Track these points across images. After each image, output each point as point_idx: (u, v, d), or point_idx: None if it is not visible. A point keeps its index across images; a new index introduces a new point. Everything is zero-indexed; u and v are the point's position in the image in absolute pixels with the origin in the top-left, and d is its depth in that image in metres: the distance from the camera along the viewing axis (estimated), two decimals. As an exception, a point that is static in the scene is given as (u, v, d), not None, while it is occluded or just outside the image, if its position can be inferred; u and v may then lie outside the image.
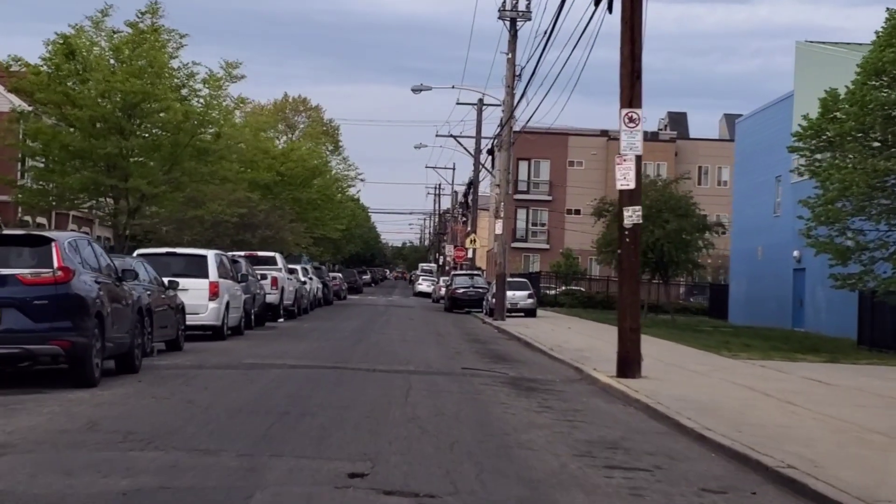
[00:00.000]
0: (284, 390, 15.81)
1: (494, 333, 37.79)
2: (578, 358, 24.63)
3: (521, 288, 50.35)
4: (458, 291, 56.29)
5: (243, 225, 44.91)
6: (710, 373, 22.68)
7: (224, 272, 28.46)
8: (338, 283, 71.49)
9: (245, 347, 24.85)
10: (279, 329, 34.11)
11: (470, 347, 28.80)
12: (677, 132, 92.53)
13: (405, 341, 29.74)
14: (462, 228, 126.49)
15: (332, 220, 60.20)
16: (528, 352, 28.33)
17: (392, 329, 36.31)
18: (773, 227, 54.47)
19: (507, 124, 45.63)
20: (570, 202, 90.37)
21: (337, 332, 32.85)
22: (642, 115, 20.10)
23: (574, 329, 39.69)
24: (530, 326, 40.62)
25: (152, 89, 34.46)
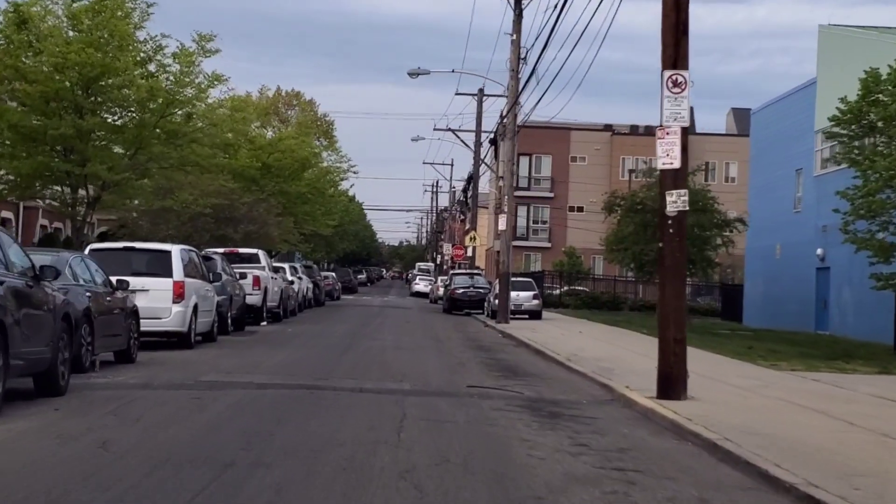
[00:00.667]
0: (240, 423, 12.09)
1: (499, 339, 34.09)
2: (601, 371, 20.94)
3: (525, 288, 46.67)
4: (457, 292, 52.59)
5: (225, 219, 41.21)
6: (758, 389, 19.00)
7: (192, 270, 24.74)
8: (330, 282, 67.73)
9: (212, 358, 21.14)
10: (260, 334, 30.40)
11: (474, 357, 25.09)
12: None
13: (400, 349, 26.04)
14: (460, 227, 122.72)
15: (324, 215, 56.24)
16: (541, 362, 24.60)
17: (386, 333, 32.63)
18: (792, 223, 50.79)
19: (512, 111, 41.94)
20: (572, 199, 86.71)
21: (324, 338, 29.15)
22: (689, 79, 16.33)
23: (587, 334, 36.00)
24: (537, 330, 36.95)
25: (112, 62, 30.53)
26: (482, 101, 62.87)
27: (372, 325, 38.29)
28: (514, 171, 42.71)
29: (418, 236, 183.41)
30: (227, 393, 14.89)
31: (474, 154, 63.29)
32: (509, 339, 33.27)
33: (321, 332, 31.89)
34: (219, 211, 40.56)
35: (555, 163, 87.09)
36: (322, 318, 42.05)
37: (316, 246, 64.96)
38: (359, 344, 27.07)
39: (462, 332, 37.14)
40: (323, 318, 42.92)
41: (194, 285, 24.30)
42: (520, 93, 41.60)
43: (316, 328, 34.26)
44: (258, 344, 26.06)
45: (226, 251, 36.54)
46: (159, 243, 26.08)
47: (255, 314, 34.89)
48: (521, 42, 41.32)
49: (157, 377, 16.80)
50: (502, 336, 35.32)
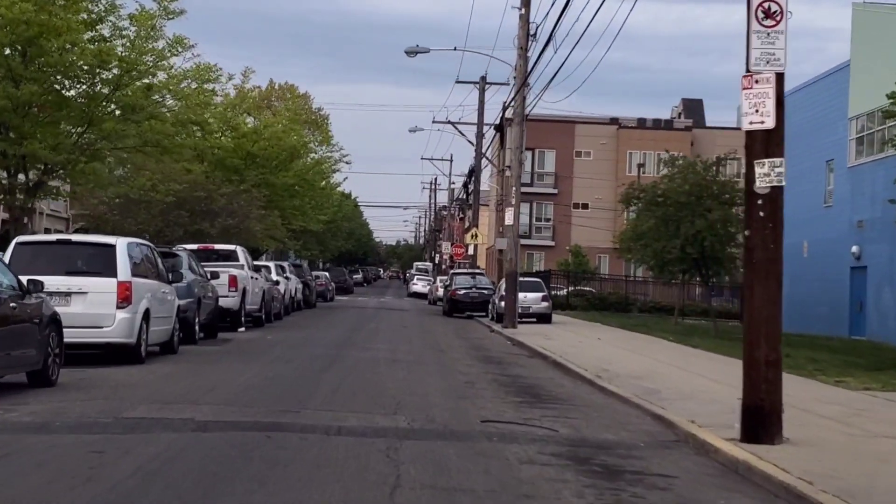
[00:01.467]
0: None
1: (508, 347, 29.72)
2: (646, 394, 16.59)
3: (534, 289, 42.28)
4: (458, 293, 48.21)
5: (201, 212, 36.84)
6: (853, 420, 14.69)
7: (145, 269, 20.37)
8: (323, 282, 63.31)
9: (159, 379, 16.76)
10: (234, 343, 26.03)
11: (484, 372, 20.69)
12: (693, 120, 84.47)
13: (395, 362, 21.67)
14: (459, 225, 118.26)
15: (314, 209, 51.65)
16: (565, 380, 20.18)
17: (380, 342, 28.26)
18: (822, 219, 46.48)
19: (520, 94, 37.54)
20: (577, 195, 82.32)
21: (307, 347, 24.78)
22: (786, 8, 11.88)
23: (607, 341, 31.63)
24: (551, 337, 32.60)
25: (54, 21, 25.96)
26: (484, 90, 58.59)
27: (365, 330, 33.94)
28: (521, 161, 38.45)
29: (416, 235, 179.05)
30: (149, 440, 10.50)
31: (476, 147, 58.95)
32: (521, 348, 28.90)
33: (305, 340, 27.53)
34: (194, 203, 36.25)
35: (559, 158, 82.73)
36: (310, 323, 37.69)
37: (307, 243, 60.27)
38: (346, 356, 22.67)
39: (465, 338, 32.79)
40: (311, 322, 38.56)
41: (146, 287, 19.92)
42: (529, 73, 37.23)
43: (300, 335, 29.89)
44: (227, 356, 21.67)
45: (199, 247, 32.24)
46: (104, 236, 21.62)
47: (232, 319, 30.56)
48: (529, 17, 36.97)
49: (66, 412, 12.42)
50: (511, 343, 30.97)
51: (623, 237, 46.12)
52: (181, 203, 35.78)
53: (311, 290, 50.74)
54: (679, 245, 37.94)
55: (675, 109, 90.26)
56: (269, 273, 39.18)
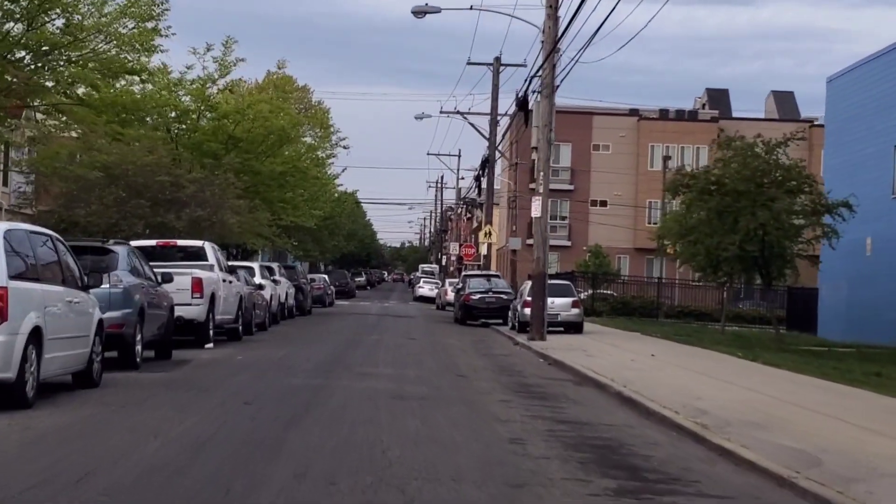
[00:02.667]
0: None
1: (544, 368, 23.19)
2: (793, 460, 10.15)
3: (562, 293, 35.75)
4: (473, 298, 41.69)
5: (166, 202, 30.31)
6: None
7: (37, 269, 13.88)
8: (321, 286, 56.81)
9: (15, 447, 10.30)
10: (189, 367, 19.54)
11: (530, 416, 14.10)
12: (718, 111, 77.85)
13: (401, 399, 15.16)
14: (467, 225, 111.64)
15: (307, 202, 44.79)
16: (652, 429, 13.58)
17: (381, 363, 21.76)
18: (890, 212, 39.93)
19: (549, 60, 31.03)
20: (594, 192, 75.79)
21: (282, 375, 18.27)
22: None
23: (663, 357, 25.09)
24: (592, 352, 26.12)
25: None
26: (499, 73, 52.15)
27: (364, 344, 27.42)
28: (550, 140, 31.97)
29: (421, 237, 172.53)
30: None
31: (489, 136, 52.48)
32: (560, 370, 22.41)
33: (285, 362, 21.03)
34: (157, 191, 29.77)
35: (575, 151, 76.15)
36: (300, 334, 31.23)
37: (302, 242, 53.41)
38: (334, 389, 16.14)
39: (488, 355, 26.29)
40: (302, 333, 32.11)
41: (40, 295, 13.44)
42: (560, 36, 30.70)
43: (281, 353, 23.38)
44: (164, 393, 15.15)
45: (159, 244, 25.81)
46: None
47: (197, 332, 24.10)
48: (560, -31, 30.47)
49: None
50: (546, 362, 24.49)
51: (664, 231, 39.55)
52: (141, 191, 29.29)
53: (305, 295, 44.25)
54: (737, 241, 31.39)
55: (698, 100, 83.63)
56: (250, 276, 32.73)
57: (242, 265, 32.81)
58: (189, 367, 19.53)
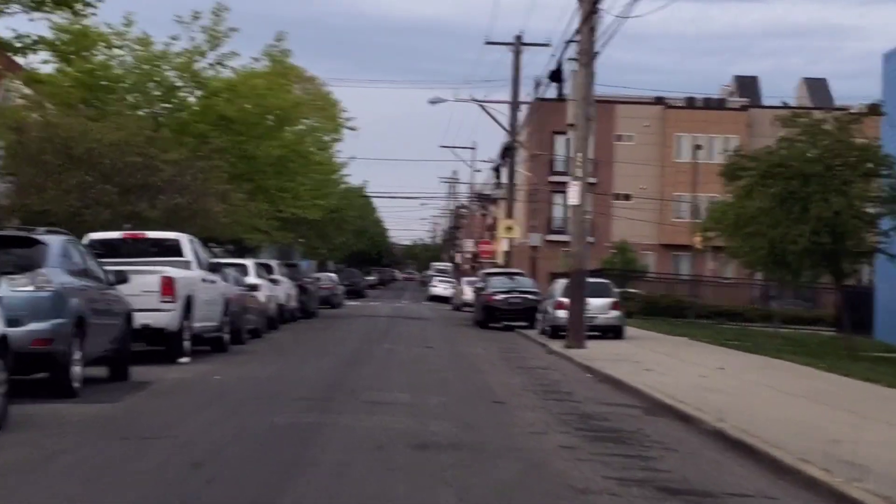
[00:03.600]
0: None
1: (597, 388, 18.47)
2: None
3: (600, 293, 31.04)
4: (495, 298, 37.01)
5: (138, 187, 25.63)
6: None
7: None
8: (329, 286, 52.27)
9: None
10: (146, 393, 14.92)
11: (617, 480, 9.37)
12: (748, 99, 72.99)
13: (424, 450, 10.46)
14: (481, 221, 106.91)
15: (310, 191, 39.80)
16: (795, 499, 8.96)
17: (395, 384, 17.06)
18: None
19: (588, 21, 26.35)
20: (617, 185, 70.95)
21: (262, 407, 13.60)
22: None
23: (737, 372, 20.40)
24: (648, 365, 21.47)
25: None
26: (519, 53, 47.55)
27: (373, 357, 22.77)
28: (590, 115, 27.35)
29: (433, 235, 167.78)
30: None
31: (510, 121, 47.82)
32: (617, 390, 17.75)
33: (271, 385, 16.37)
34: (127, 174, 25.15)
35: (597, 142, 70.62)
36: (298, 343, 26.61)
37: (308, 238, 48.41)
38: (327, 438, 11.36)
39: (523, 369, 21.61)
40: (301, 341, 27.50)
41: None
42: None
43: (270, 371, 18.74)
44: (83, 445, 10.49)
45: (126, 236, 21.29)
46: None
47: (169, 344, 19.53)
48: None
49: None
50: (595, 379, 19.86)
51: (712, 224, 34.85)
52: (108, 174, 24.62)
53: (309, 296, 39.63)
54: (807, 232, 26.69)
55: (724, 89, 78.79)
56: (243, 275, 28.14)
57: (233, 262, 28.20)
58: (146, 393, 14.92)
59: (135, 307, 18.07)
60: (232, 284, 25.15)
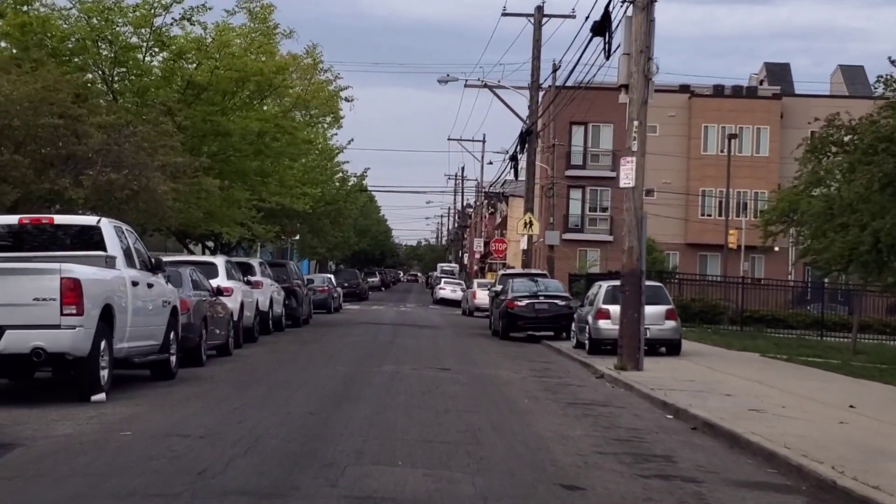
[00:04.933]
0: None
1: (704, 444, 12.23)
2: None
3: (651, 299, 24.76)
4: (518, 304, 30.80)
5: (58, 158, 19.36)
6: None
7: None
8: (325, 288, 46.16)
9: None
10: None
11: None
12: (780, 87, 66.77)
13: None
14: (489, 221, 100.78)
15: (302, 175, 32.93)
16: None
17: (398, 448, 10.83)
18: None
19: (648, -49, 20.24)
20: (639, 179, 64.60)
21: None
22: None
23: (875, 412, 14.30)
24: (749, 401, 15.39)
25: None
26: (541, 25, 41.44)
27: (368, 389, 16.56)
28: (649, 74, 21.23)
29: (438, 235, 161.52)
30: None
31: (529, 103, 41.70)
32: (732, 448, 11.62)
33: (204, 448, 10.17)
34: (42, 142, 18.96)
35: (617, 134, 64.99)
36: (273, 365, 20.43)
37: (294, 231, 41.86)
38: None
39: (575, 403, 15.44)
40: (279, 361, 21.34)
41: None
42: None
43: (216, 415, 12.51)
44: None
45: (25, 221, 15.20)
46: None
47: (78, 374, 13.45)
48: None
49: None
50: (683, 423, 13.74)
51: (777, 215, 28.69)
52: (21, 142, 18.40)
53: (299, 301, 33.46)
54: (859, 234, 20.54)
55: (754, 77, 72.54)
56: (209, 275, 22.05)
57: (194, 261, 22.12)
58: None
59: (22, 322, 12.18)
60: (189, 288, 19.07)
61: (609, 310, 24.39)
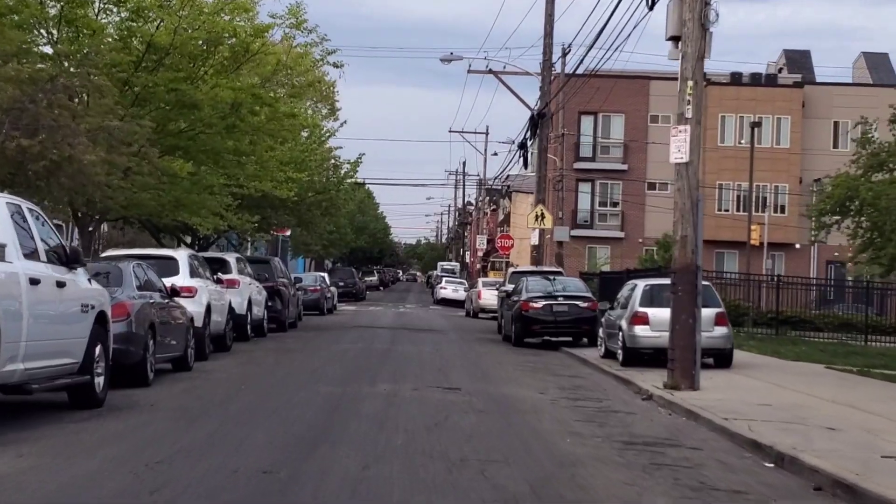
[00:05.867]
0: None
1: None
2: None
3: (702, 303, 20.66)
4: (534, 306, 26.58)
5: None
6: None
7: None
8: (317, 287, 42.05)
9: None
10: None
11: None
12: (801, 75, 62.60)
13: None
14: (492, 218, 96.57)
15: (282, 157, 28.25)
16: None
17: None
18: None
19: None
20: (652, 172, 60.61)
21: None
22: None
23: None
24: (864, 438, 11.24)
25: None
26: None
27: (357, 416, 12.48)
28: (707, 21, 17.06)
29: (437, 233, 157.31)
30: None
31: (541, 84, 37.58)
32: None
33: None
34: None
35: (629, 124, 61.09)
36: (240, 384, 16.25)
37: (277, 222, 37.19)
38: None
39: (632, 443, 11.30)
40: (248, 378, 17.19)
41: None
42: None
43: (117, 483, 8.37)
44: None
45: None
46: None
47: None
48: None
49: None
50: (796, 482, 9.67)
51: (838, 199, 24.56)
52: None
53: (284, 302, 29.31)
54: None
55: (772, 65, 68.35)
56: (166, 272, 17.95)
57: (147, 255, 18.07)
58: None
59: None
60: (130, 288, 14.95)
61: (647, 314, 20.34)
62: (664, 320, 20.39)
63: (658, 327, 20.02)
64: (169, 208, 23.34)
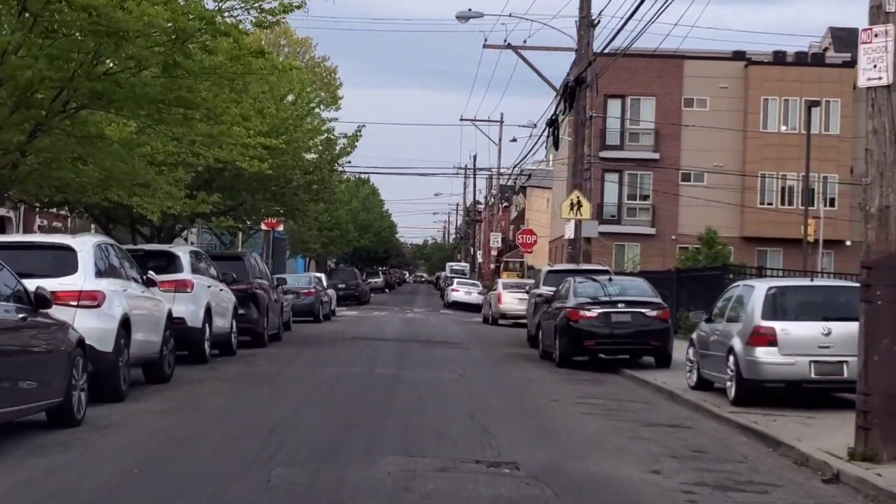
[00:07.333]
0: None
1: None
2: None
3: (840, 312, 13.96)
4: (586, 314, 19.75)
5: None
6: None
7: None
8: (311, 290, 35.34)
9: None
10: None
11: None
12: (850, 54, 55.80)
13: None
14: (504, 216, 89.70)
15: (245, 111, 21.22)
16: None
17: None
18: None
19: None
20: (686, 161, 53.76)
21: None
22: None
23: None
24: None
25: None
26: (591, -56, 30.47)
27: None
28: None
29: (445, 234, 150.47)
30: None
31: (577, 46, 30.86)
32: None
33: None
34: None
35: (660, 108, 54.17)
36: (129, 465, 9.61)
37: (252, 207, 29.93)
38: None
39: None
40: (155, 449, 10.51)
41: None
42: None
43: None
44: None
45: None
46: None
47: None
48: None
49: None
50: None
51: None
52: None
53: (261, 309, 22.55)
54: None
55: (814, 45, 61.54)
56: (55, 268, 11.20)
57: (26, 243, 11.53)
58: None
59: None
60: None
61: (776, 329, 13.65)
62: (801, 340, 13.94)
63: (791, 349, 13.45)
64: (95, 186, 16.67)
